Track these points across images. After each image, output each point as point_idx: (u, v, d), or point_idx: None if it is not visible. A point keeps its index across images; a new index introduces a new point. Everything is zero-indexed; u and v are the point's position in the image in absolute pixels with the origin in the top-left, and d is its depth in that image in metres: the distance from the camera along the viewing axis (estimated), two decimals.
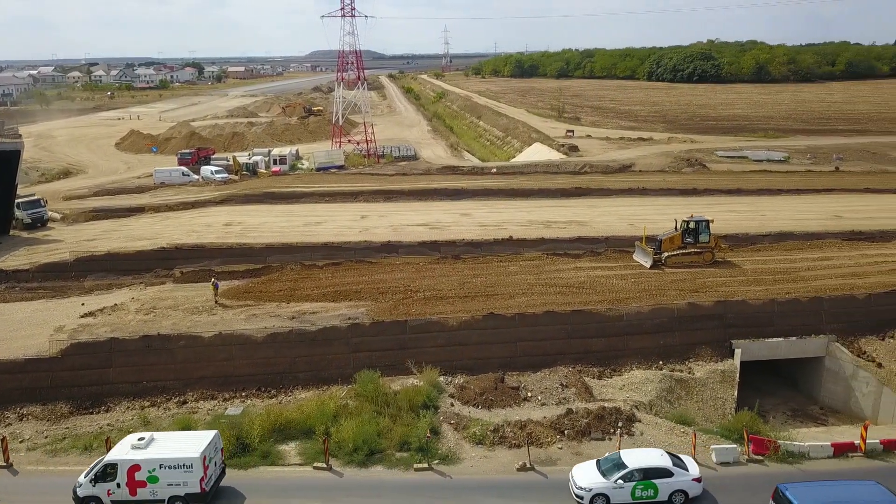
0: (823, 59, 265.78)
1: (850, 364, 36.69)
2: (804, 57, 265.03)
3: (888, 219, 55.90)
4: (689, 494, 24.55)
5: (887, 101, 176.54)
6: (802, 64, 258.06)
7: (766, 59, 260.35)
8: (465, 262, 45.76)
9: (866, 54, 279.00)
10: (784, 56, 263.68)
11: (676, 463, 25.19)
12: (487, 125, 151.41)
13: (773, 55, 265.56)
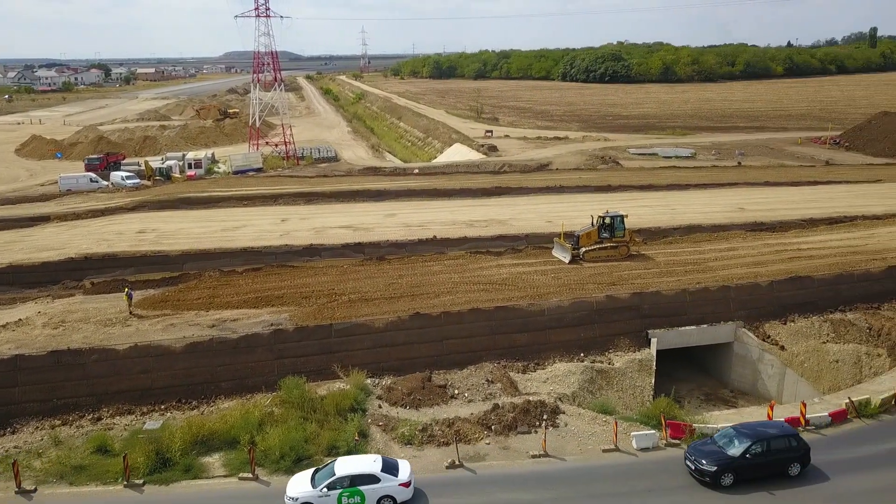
0: (724, 60, 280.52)
1: (756, 348, 38.89)
2: (707, 58, 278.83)
3: (786, 210, 59.60)
4: (396, 500, 24.51)
5: (782, 100, 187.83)
6: (705, 65, 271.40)
7: (672, 60, 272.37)
8: (390, 263, 45.74)
9: (762, 56, 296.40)
10: (688, 57, 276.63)
11: (387, 468, 25.07)
12: (408, 126, 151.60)
13: (679, 56, 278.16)
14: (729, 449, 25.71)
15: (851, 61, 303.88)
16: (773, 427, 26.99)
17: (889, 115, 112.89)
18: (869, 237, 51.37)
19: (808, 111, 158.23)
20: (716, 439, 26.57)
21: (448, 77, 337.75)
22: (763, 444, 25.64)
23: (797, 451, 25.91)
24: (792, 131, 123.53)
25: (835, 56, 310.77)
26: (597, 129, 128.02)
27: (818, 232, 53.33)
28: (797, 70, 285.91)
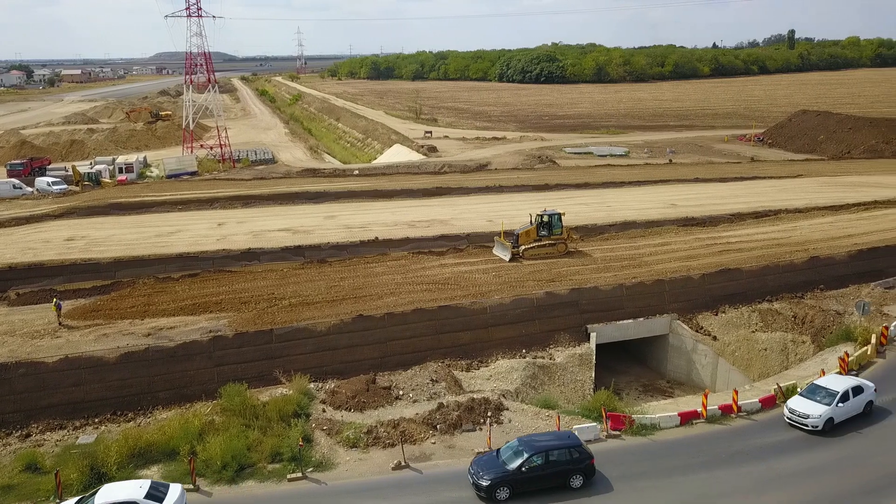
0: (654, 60, 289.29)
1: (690, 339, 40.30)
2: (637, 59, 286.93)
3: (715, 205, 61.89)
4: None
5: (709, 99, 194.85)
6: (636, 65, 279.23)
7: (604, 61, 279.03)
8: (331, 265, 45.35)
9: (690, 57, 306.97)
10: (620, 58, 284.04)
11: (153, 495, 23.37)
12: (347, 127, 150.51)
13: (611, 57, 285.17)
14: (510, 462, 25.04)
15: (772, 62, 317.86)
16: (556, 438, 26.31)
17: (807, 113, 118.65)
18: (792, 230, 53.91)
19: (733, 110, 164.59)
20: (501, 452, 25.91)
21: (386, 78, 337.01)
22: (542, 457, 25.01)
23: (579, 462, 25.24)
24: (719, 129, 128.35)
25: (757, 57, 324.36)
26: (534, 129, 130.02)
27: (745, 226, 55.64)
28: (722, 70, 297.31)
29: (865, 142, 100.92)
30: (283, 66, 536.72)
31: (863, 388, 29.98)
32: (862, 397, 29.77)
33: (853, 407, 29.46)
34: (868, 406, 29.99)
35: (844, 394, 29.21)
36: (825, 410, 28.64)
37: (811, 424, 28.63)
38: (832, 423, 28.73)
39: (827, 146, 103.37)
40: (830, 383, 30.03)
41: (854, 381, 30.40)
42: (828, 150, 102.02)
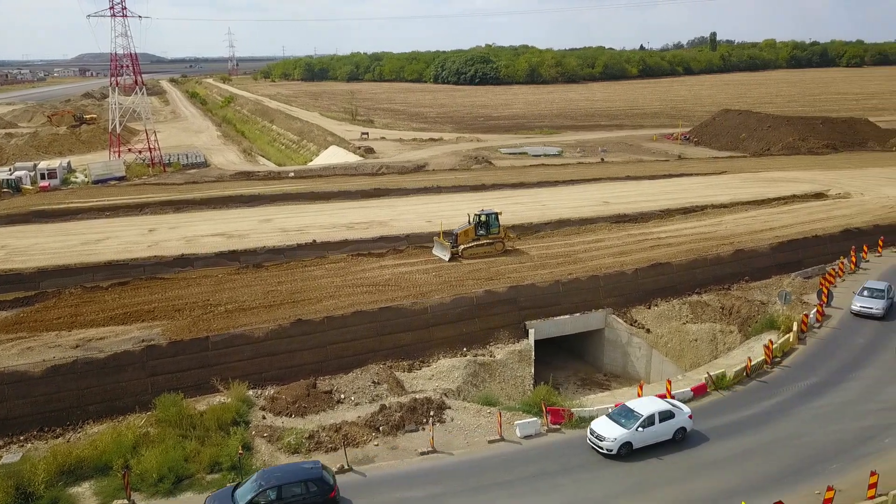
0: (585, 62, 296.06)
1: (625, 332, 41.49)
2: (569, 60, 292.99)
3: (646, 202, 63.84)
4: None
5: (637, 99, 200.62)
6: (568, 67, 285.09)
7: (537, 62, 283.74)
8: (268, 269, 44.62)
9: (618, 58, 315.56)
10: (552, 59, 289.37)
11: None
12: (281, 129, 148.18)
13: (543, 59, 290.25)
14: (241, 499, 23.45)
15: (696, 63, 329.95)
16: (294, 472, 24.39)
17: (729, 113, 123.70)
18: (718, 224, 56.16)
19: (660, 109, 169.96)
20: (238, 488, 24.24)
21: (320, 79, 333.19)
22: (274, 491, 23.46)
23: (317, 496, 23.73)
24: (647, 128, 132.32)
25: (682, 59, 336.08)
26: (469, 130, 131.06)
27: (674, 221, 57.65)
28: (650, 71, 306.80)
29: (783, 139, 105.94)
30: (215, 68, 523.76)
31: (673, 413, 28.08)
32: (671, 423, 27.80)
33: (658, 433, 27.55)
34: (679, 433, 28.01)
35: (649, 418, 27.38)
36: (622, 434, 26.99)
37: (605, 448, 27.01)
38: (629, 447, 27.01)
39: (748, 144, 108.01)
40: (639, 406, 28.29)
41: (666, 405, 28.51)
42: (749, 147, 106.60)
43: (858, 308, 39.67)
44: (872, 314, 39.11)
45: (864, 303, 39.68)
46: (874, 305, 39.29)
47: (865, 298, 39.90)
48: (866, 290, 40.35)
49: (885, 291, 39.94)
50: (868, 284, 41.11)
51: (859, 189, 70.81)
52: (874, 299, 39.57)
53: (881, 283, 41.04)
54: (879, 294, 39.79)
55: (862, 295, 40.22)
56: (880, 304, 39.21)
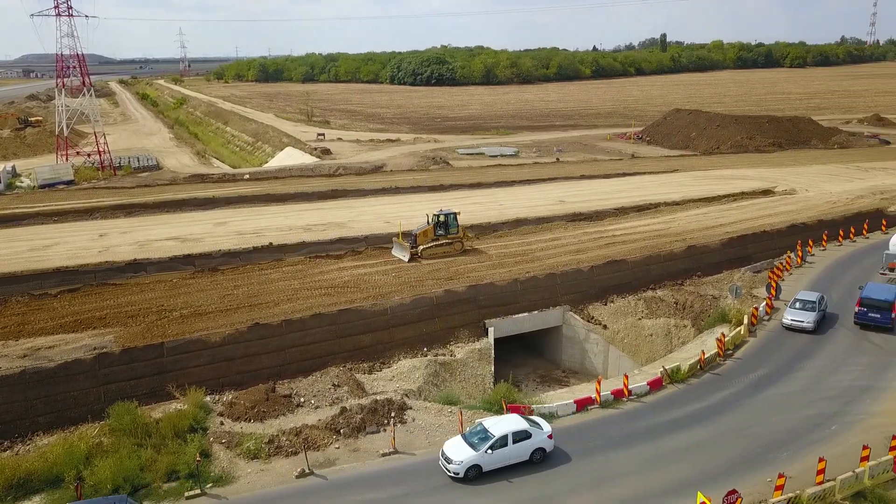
0: (539, 63, 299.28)
1: (582, 329, 42.11)
2: (524, 61, 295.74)
3: (601, 200, 64.90)
4: None
5: (591, 100, 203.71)
6: (523, 67, 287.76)
7: (492, 63, 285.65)
8: (224, 273, 43.93)
9: (572, 59, 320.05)
10: (507, 61, 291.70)
11: None
12: (236, 131, 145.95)
13: (499, 60, 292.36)
14: None
15: (647, 64, 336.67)
16: None
17: (680, 112, 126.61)
18: (671, 221, 57.45)
19: (613, 109, 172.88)
20: None
21: (275, 80, 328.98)
22: None
23: None
24: (601, 128, 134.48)
25: (633, 59, 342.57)
26: (426, 130, 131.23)
27: (629, 219, 58.75)
28: (602, 72, 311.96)
29: (732, 138, 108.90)
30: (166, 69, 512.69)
31: (530, 433, 26.31)
32: (527, 444, 26.16)
33: (511, 454, 25.86)
34: (538, 454, 26.28)
35: (502, 439, 25.71)
36: (470, 457, 25.36)
37: (452, 471, 25.38)
38: (478, 470, 25.43)
39: (699, 142, 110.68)
40: (494, 425, 26.57)
41: (522, 424, 26.68)
42: (699, 145, 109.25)
43: (789, 321, 37.98)
44: (804, 328, 37.53)
45: (795, 316, 38.01)
46: (805, 319, 37.62)
47: (797, 311, 38.22)
48: (798, 302, 38.59)
49: (816, 303, 38.16)
50: (799, 296, 39.34)
51: (804, 185, 73.27)
52: (805, 312, 37.91)
53: (813, 295, 39.21)
54: (811, 306, 38.05)
55: (794, 307, 38.54)
56: (811, 318, 37.51)
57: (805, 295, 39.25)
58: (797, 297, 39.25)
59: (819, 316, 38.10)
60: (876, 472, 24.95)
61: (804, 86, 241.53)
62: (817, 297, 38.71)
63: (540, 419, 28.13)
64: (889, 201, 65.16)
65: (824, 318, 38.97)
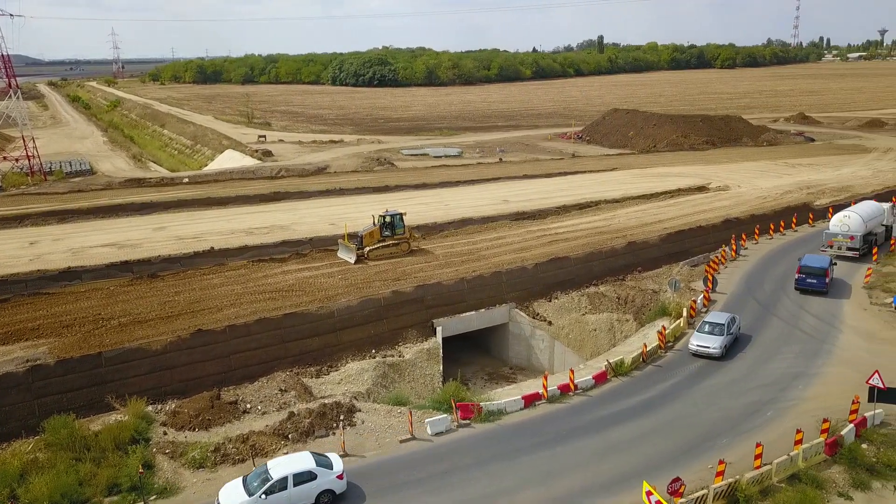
0: (481, 64, 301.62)
1: (528, 326, 42.67)
2: (465, 63, 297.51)
3: (543, 199, 65.92)
4: None
5: (532, 100, 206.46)
6: (464, 69, 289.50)
7: (434, 64, 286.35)
8: (164, 279, 42.77)
9: (513, 60, 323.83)
10: (449, 62, 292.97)
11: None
12: (173, 133, 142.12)
13: (440, 61, 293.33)
14: None
15: (585, 65, 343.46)
16: None
17: (618, 112, 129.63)
18: (611, 218, 58.78)
19: (554, 110, 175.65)
20: None
21: (214, 82, 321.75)
22: None
23: None
24: (542, 128, 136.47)
25: (572, 61, 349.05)
26: (370, 131, 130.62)
27: (571, 217, 59.86)
28: (542, 73, 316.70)
29: (668, 136, 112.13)
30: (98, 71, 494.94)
31: (315, 474, 24.29)
32: (311, 486, 24.10)
33: (291, 498, 23.89)
34: (325, 496, 24.32)
35: (281, 481, 23.73)
36: (244, 502, 23.32)
37: None
38: None
39: (636, 141, 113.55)
40: (276, 466, 24.46)
41: (307, 464, 24.48)
42: (637, 144, 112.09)
43: (695, 347, 35.16)
44: (710, 354, 34.73)
45: (701, 341, 35.18)
46: (711, 344, 34.83)
47: (704, 336, 35.46)
48: (707, 325, 35.98)
49: (725, 326, 35.54)
50: (709, 318, 36.73)
51: (736, 182, 76.07)
52: (713, 336, 35.16)
53: (723, 316, 36.57)
54: (719, 330, 35.42)
55: (702, 331, 35.85)
56: (718, 343, 34.76)
57: (714, 317, 36.74)
58: (706, 319, 36.79)
59: (728, 340, 35.45)
60: (809, 455, 26.12)
61: (734, 86, 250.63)
62: (727, 320, 36.01)
63: (334, 456, 25.88)
64: (815, 196, 68.29)
65: (736, 342, 36.53)
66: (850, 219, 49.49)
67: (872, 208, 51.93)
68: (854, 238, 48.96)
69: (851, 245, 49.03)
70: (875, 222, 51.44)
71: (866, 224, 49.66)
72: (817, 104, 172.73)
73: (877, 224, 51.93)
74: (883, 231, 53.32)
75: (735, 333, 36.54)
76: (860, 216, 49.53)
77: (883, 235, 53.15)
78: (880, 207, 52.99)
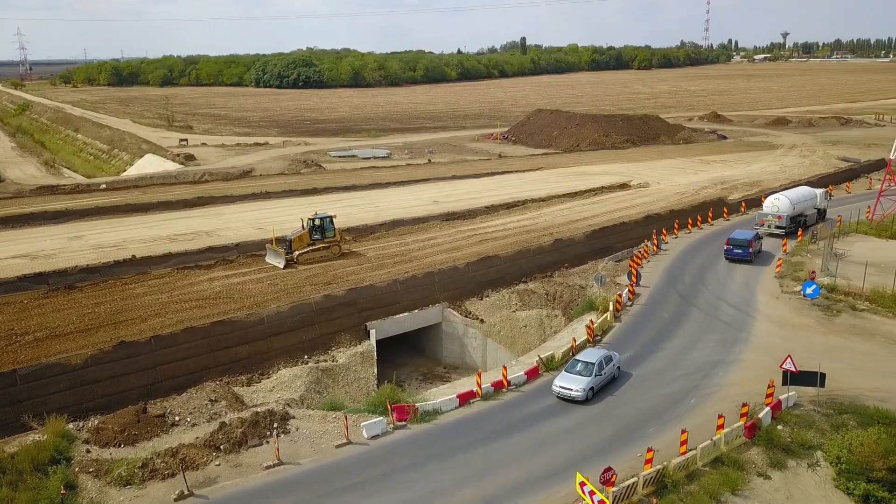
0: (407, 65, 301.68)
1: (461, 324, 43.09)
2: (391, 64, 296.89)
3: (472, 199, 66.63)
4: None
5: (458, 101, 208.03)
6: (390, 70, 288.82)
7: (360, 65, 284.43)
8: (83, 291, 40.93)
9: (438, 62, 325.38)
10: (375, 63, 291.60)
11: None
12: (88, 138, 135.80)
13: (366, 62, 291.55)
14: None
15: (510, 66, 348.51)
16: None
17: (542, 112, 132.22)
18: (538, 217, 60.03)
19: (480, 111, 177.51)
20: None
21: (130, 84, 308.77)
22: None
23: None
24: (469, 129, 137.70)
25: (496, 62, 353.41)
26: (296, 133, 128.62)
27: (499, 216, 60.79)
28: (468, 74, 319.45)
29: (590, 136, 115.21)
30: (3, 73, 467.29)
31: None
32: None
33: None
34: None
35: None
36: None
37: None
38: None
39: (560, 141, 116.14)
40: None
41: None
42: (561, 144, 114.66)
43: (557, 389, 31.27)
44: (571, 397, 30.78)
45: (565, 382, 31.24)
46: (574, 386, 30.80)
47: (569, 376, 31.54)
48: (579, 364, 32.02)
49: (593, 366, 31.52)
50: (581, 355, 32.76)
51: (656, 179, 78.99)
52: (579, 377, 31.23)
53: (596, 354, 32.54)
54: (588, 370, 31.43)
55: (570, 369, 32.01)
56: (581, 385, 30.74)
57: (586, 355, 32.74)
58: (577, 356, 32.85)
59: (597, 381, 31.40)
60: (730, 439, 27.50)
61: (651, 86, 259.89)
62: (599, 359, 32.03)
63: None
64: (728, 191, 71.71)
65: (613, 380, 32.70)
66: (780, 201, 55.67)
67: (804, 193, 58.58)
68: (782, 218, 55.16)
69: (779, 224, 55.25)
70: (805, 205, 57.84)
71: (794, 206, 55.80)
72: (728, 103, 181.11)
73: (808, 207, 58.33)
74: (815, 213, 59.50)
75: (610, 374, 32.40)
76: (788, 199, 55.82)
77: (814, 217, 59.18)
78: (813, 192, 59.66)
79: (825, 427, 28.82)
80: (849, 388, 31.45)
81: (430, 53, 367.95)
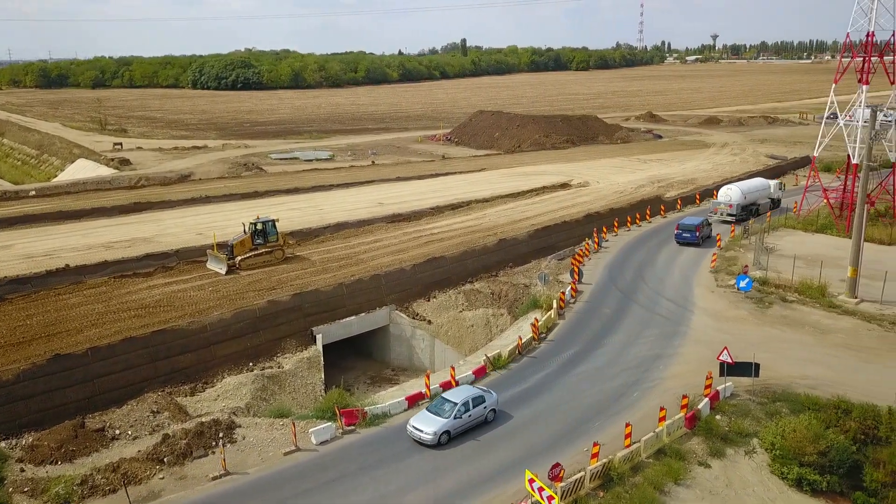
0: (347, 66, 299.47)
1: (408, 326, 43.14)
2: (332, 65, 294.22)
3: (417, 201, 66.77)
4: None
5: (400, 103, 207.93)
6: (331, 71, 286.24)
7: (300, 67, 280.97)
8: (13, 303, 39.24)
9: (379, 63, 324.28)
10: (315, 64, 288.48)
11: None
12: (15, 143, 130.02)
13: (306, 63, 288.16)
14: None
15: (451, 68, 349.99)
16: None
17: (483, 113, 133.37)
18: (482, 217, 60.60)
19: (422, 112, 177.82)
20: None
21: (59, 86, 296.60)
22: None
23: None
24: (412, 130, 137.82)
25: (438, 63, 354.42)
26: (235, 136, 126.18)
27: (444, 217, 61.11)
28: (409, 76, 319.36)
29: (531, 136, 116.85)
30: None
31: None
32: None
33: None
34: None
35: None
36: None
37: None
38: None
39: (502, 142, 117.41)
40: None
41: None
42: (503, 144, 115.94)
43: (410, 429, 28.28)
44: (421, 440, 27.86)
45: (419, 422, 28.23)
46: (426, 428, 27.82)
47: (426, 416, 28.57)
48: (446, 403, 28.70)
49: (454, 407, 28.26)
50: (448, 394, 29.63)
51: (595, 178, 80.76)
52: (436, 419, 28.16)
53: (462, 394, 29.19)
54: (448, 411, 28.23)
55: (431, 408, 29.05)
56: (434, 428, 27.71)
57: (452, 394, 29.51)
58: (443, 395, 29.88)
59: (458, 424, 28.27)
60: (672, 430, 28.40)
61: (589, 87, 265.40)
62: (465, 399, 28.70)
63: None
64: (665, 189, 73.92)
65: (486, 423, 29.43)
66: (732, 191, 60.53)
67: (756, 184, 63.44)
68: (733, 206, 60.02)
69: (731, 212, 60.18)
70: (758, 195, 62.74)
71: (745, 196, 60.57)
72: (662, 103, 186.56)
73: (761, 197, 63.31)
74: (768, 203, 64.44)
75: (480, 416, 29.16)
76: (740, 189, 60.62)
77: (767, 206, 63.98)
78: (766, 183, 64.56)
79: (760, 415, 30.06)
80: (781, 376, 32.88)
81: (371, 55, 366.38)
